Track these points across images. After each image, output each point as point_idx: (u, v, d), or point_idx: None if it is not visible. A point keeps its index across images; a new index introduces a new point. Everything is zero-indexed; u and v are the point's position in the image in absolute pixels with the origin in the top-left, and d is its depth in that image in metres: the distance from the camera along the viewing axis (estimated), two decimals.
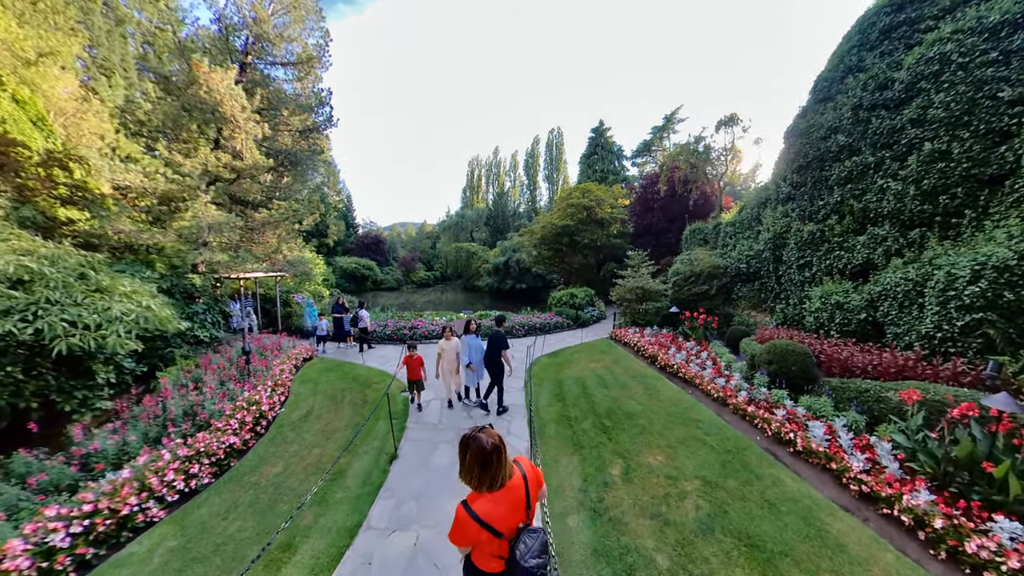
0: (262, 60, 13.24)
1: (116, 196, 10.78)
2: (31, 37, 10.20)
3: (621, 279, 12.81)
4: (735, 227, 13.69)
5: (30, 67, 10.13)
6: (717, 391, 7.22)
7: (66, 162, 8.86)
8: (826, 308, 8.31)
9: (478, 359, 6.74)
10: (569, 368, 8.73)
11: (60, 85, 10.23)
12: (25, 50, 9.99)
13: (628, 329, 11.61)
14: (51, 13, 10.32)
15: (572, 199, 19.93)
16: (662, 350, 9.37)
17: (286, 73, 13.79)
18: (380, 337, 11.96)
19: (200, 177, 9.76)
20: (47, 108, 10.62)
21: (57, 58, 10.35)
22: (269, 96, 12.68)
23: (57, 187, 10.09)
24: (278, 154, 12.78)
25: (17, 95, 9.83)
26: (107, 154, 10.41)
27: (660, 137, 34.52)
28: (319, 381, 8.34)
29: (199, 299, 10.49)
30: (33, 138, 9.84)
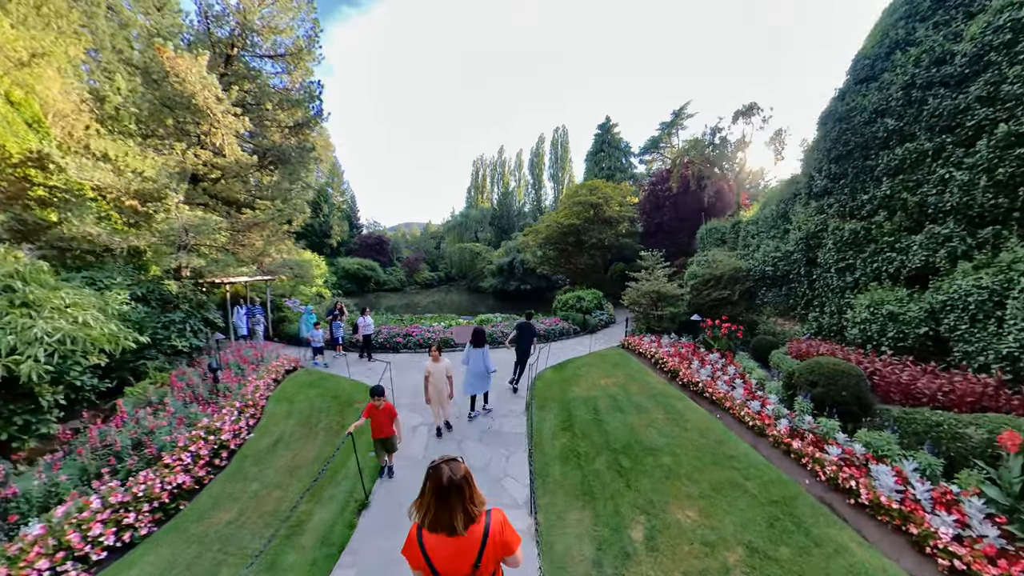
0: (248, 52, 12.44)
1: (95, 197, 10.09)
2: (23, 38, 9.56)
3: (634, 281, 11.75)
4: (758, 226, 12.53)
5: (23, 68, 9.52)
6: (752, 417, 6.17)
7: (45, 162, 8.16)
8: (876, 319, 7.18)
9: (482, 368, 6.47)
10: (577, 385, 7.73)
11: (55, 86, 9.61)
12: (17, 51, 9.36)
13: (643, 337, 10.56)
14: (54, 17, 9.67)
15: (579, 196, 18.89)
16: (683, 364, 8.32)
17: (274, 66, 12.99)
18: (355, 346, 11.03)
19: (173, 176, 8.95)
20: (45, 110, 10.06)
21: (51, 59, 9.72)
22: (255, 90, 11.86)
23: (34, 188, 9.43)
24: (266, 151, 11.97)
25: (11, 96, 9.25)
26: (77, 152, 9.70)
27: (669, 133, 33.36)
28: (296, 399, 7.47)
29: (178, 306, 9.72)
30: (27, 139, 9.27)
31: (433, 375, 5.50)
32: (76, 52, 9.87)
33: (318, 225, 41.55)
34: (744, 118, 16.24)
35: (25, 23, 9.61)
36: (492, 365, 6.39)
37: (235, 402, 6.56)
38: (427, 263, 48.96)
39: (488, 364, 6.33)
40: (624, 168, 36.17)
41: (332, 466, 5.18)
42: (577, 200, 18.80)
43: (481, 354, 6.29)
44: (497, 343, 10.88)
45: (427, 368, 5.54)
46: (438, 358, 5.55)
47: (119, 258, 9.56)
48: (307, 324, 10.83)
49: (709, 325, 9.85)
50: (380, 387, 4.74)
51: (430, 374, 5.50)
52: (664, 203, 21.60)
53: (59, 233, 8.72)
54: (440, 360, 5.56)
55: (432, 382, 5.51)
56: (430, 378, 5.50)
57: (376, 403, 4.66)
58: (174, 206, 8.71)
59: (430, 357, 5.58)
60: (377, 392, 4.68)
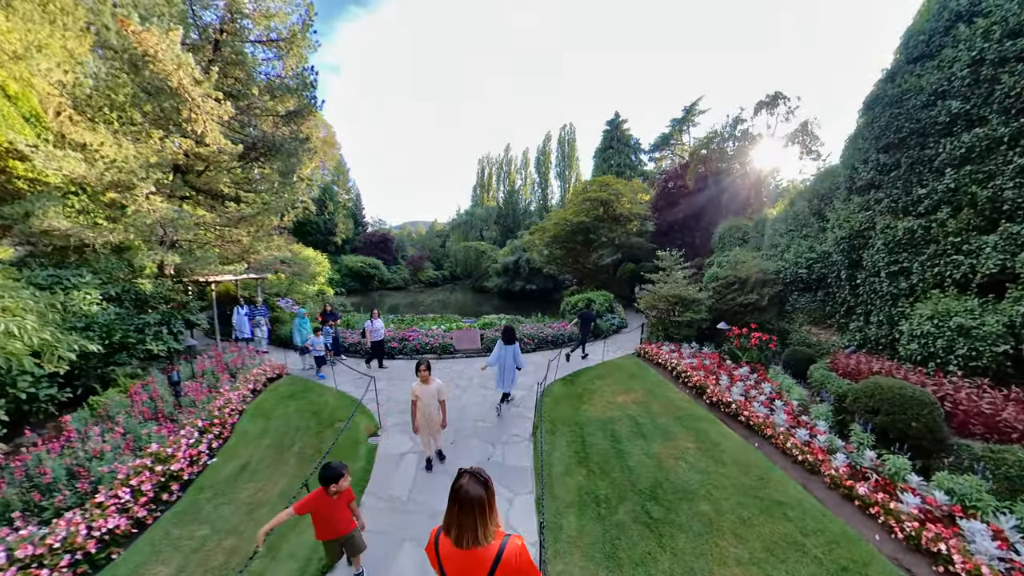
0: (238, 37, 11.64)
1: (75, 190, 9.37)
2: (17, 30, 8.88)
3: (650, 284, 10.76)
4: (787, 224, 11.46)
5: (19, 61, 8.85)
6: (800, 450, 5.19)
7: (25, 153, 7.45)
8: (941, 333, 6.14)
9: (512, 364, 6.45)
10: (591, 403, 6.78)
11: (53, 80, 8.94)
12: (11, 43, 8.69)
13: (661, 346, 9.57)
14: (60, 14, 8.96)
15: (589, 192, 17.90)
16: (710, 379, 7.34)
17: (266, 53, 12.18)
18: (359, 351, 10.21)
19: (146, 166, 8.15)
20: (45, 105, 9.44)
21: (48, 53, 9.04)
22: (243, 76, 11.04)
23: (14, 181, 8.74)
24: (256, 142, 11.16)
25: (7, 90, 8.62)
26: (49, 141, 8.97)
27: (680, 130, 32.28)
28: (273, 415, 6.62)
29: (155, 307, 8.94)
30: (24, 134, 8.63)
31: (422, 400, 4.60)
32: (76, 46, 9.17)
33: (323, 223, 41.05)
34: (768, 109, 15.13)
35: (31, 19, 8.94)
36: (522, 362, 6.55)
37: (197, 420, 5.72)
38: (432, 262, 48.42)
39: (518, 361, 6.47)
40: (634, 165, 35.12)
41: None
42: (587, 196, 17.82)
43: (512, 351, 6.36)
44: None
45: (414, 391, 4.63)
46: (428, 379, 4.64)
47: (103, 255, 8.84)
48: (301, 329, 9.37)
49: (737, 334, 8.84)
50: (337, 469, 3.01)
51: (418, 399, 4.59)
52: (678, 200, 20.52)
53: (26, 228, 7.98)
54: (430, 382, 4.65)
55: (420, 408, 4.61)
56: (418, 403, 4.60)
57: (329, 491, 2.97)
58: (143, 198, 7.92)
59: (418, 378, 4.66)
60: (331, 477, 2.96)
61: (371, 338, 8.92)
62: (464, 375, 8.41)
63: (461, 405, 6.71)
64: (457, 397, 7.03)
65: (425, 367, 4.62)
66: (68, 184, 9.15)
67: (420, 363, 4.64)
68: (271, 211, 10.10)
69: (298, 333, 9.39)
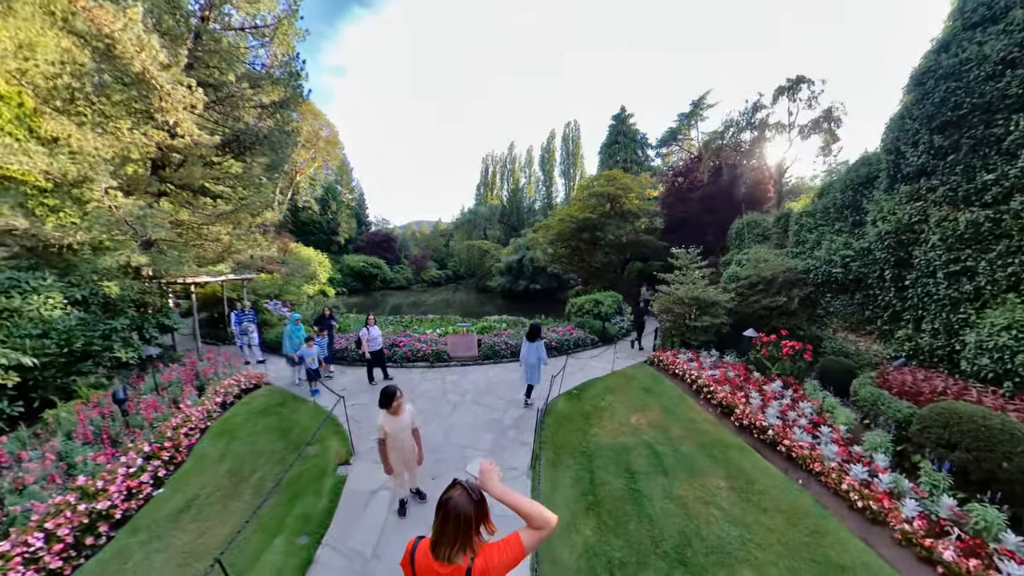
0: (220, 24, 10.92)
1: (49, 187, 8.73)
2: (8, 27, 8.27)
3: (664, 284, 9.79)
4: (815, 218, 10.39)
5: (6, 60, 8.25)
6: (858, 493, 4.24)
7: None
8: (1022, 346, 5.12)
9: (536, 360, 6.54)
10: (601, 425, 5.87)
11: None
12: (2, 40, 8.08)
13: (677, 353, 8.62)
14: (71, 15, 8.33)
15: (595, 188, 16.94)
16: (738, 396, 6.39)
17: (252, 41, 11.45)
18: (348, 359, 9.40)
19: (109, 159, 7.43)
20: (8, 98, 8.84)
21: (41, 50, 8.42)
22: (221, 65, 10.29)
23: None
24: (239, 134, 10.43)
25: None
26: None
27: (688, 125, 31.19)
28: (239, 434, 5.83)
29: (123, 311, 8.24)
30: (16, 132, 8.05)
31: (392, 436, 3.70)
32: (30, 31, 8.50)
33: (325, 222, 40.67)
34: (788, 95, 14.00)
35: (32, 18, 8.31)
36: (545, 357, 6.63)
37: (144, 443, 4.95)
38: (436, 261, 47.94)
39: (542, 356, 6.56)
40: (640, 161, 34.04)
41: (252, 551, 3.49)
42: (593, 191, 16.86)
43: (536, 348, 6.48)
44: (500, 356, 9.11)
45: (382, 428, 3.70)
46: (399, 410, 3.76)
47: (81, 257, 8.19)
48: (292, 337, 8.19)
49: (765, 342, 7.86)
50: None
51: (387, 435, 3.69)
52: (689, 196, 19.43)
53: None
54: (402, 412, 3.78)
55: (391, 446, 3.73)
56: (388, 441, 3.71)
57: None
58: (101, 192, 7.20)
59: (384, 411, 3.76)
60: None
61: (368, 347, 7.75)
62: (457, 388, 7.55)
63: (448, 426, 5.86)
64: (445, 415, 6.18)
65: (398, 395, 3.72)
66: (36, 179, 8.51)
67: (389, 393, 3.70)
68: (249, 208, 9.33)
69: (288, 341, 8.28)
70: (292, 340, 8.21)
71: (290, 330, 8.40)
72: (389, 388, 3.74)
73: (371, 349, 7.79)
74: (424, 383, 7.76)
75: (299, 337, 8.10)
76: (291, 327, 8.44)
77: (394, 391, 3.74)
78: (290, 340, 8.27)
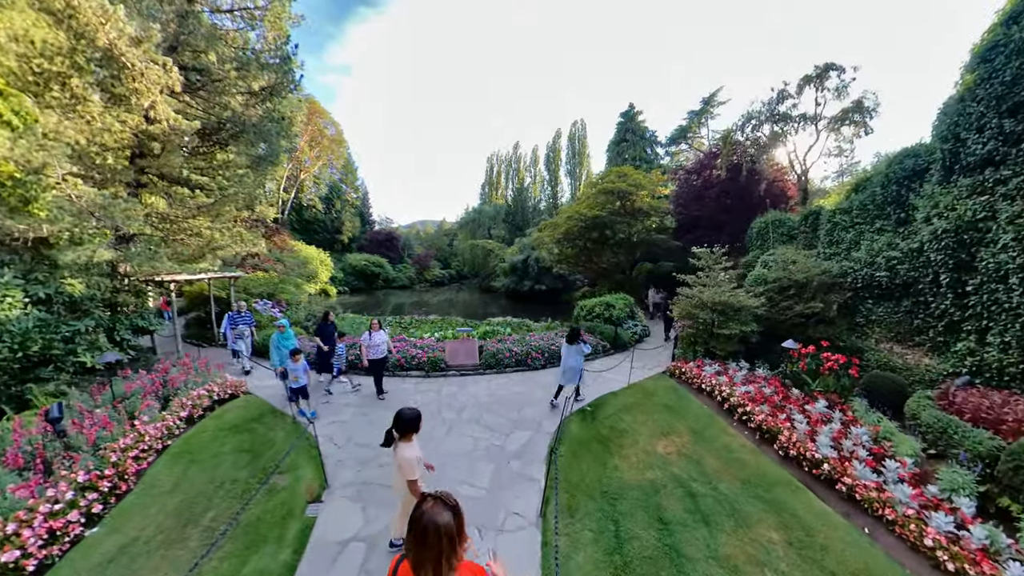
0: (206, 5, 10.20)
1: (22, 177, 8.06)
2: None
3: (686, 287, 8.91)
4: (851, 216, 9.45)
5: None
6: (946, 551, 3.36)
7: None
8: None
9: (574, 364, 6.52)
10: (623, 455, 5.00)
11: None
12: None
13: (702, 365, 7.73)
14: None
15: (605, 184, 16.07)
16: (780, 419, 5.50)
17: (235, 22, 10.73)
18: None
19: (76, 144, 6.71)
20: None
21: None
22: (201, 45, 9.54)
23: None
24: (225, 122, 9.69)
25: None
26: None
27: (698, 123, 30.32)
28: (200, 457, 5.05)
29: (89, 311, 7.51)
30: None
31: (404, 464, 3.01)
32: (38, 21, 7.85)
33: (329, 221, 40.19)
34: (815, 84, 13.04)
35: None
36: (586, 347, 6.69)
37: (78, 472, 4.16)
38: (439, 260, 47.48)
39: (586, 346, 6.66)
40: (650, 159, 33.24)
41: None
42: (603, 188, 15.98)
43: (576, 350, 6.50)
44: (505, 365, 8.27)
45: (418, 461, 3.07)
46: (411, 438, 3.11)
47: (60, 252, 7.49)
48: (280, 346, 6.85)
49: (804, 354, 6.95)
50: None
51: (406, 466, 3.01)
52: (704, 194, 18.50)
53: None
54: (411, 443, 3.11)
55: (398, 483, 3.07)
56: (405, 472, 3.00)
57: None
58: (55, 179, 6.47)
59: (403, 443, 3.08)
60: None
61: (368, 355, 6.81)
62: (454, 402, 6.70)
63: (442, 453, 4.98)
64: (439, 439, 5.33)
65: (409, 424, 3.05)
66: None
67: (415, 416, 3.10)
68: (231, 200, 8.57)
69: (276, 351, 6.87)
70: (279, 350, 6.84)
71: (276, 339, 6.98)
72: (412, 412, 3.10)
73: (372, 357, 6.79)
74: (417, 395, 6.95)
75: (287, 347, 6.78)
76: (276, 337, 7.01)
77: (418, 414, 3.13)
78: (277, 351, 6.93)
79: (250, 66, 9.63)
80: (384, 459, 4.81)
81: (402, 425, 3.03)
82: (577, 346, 6.49)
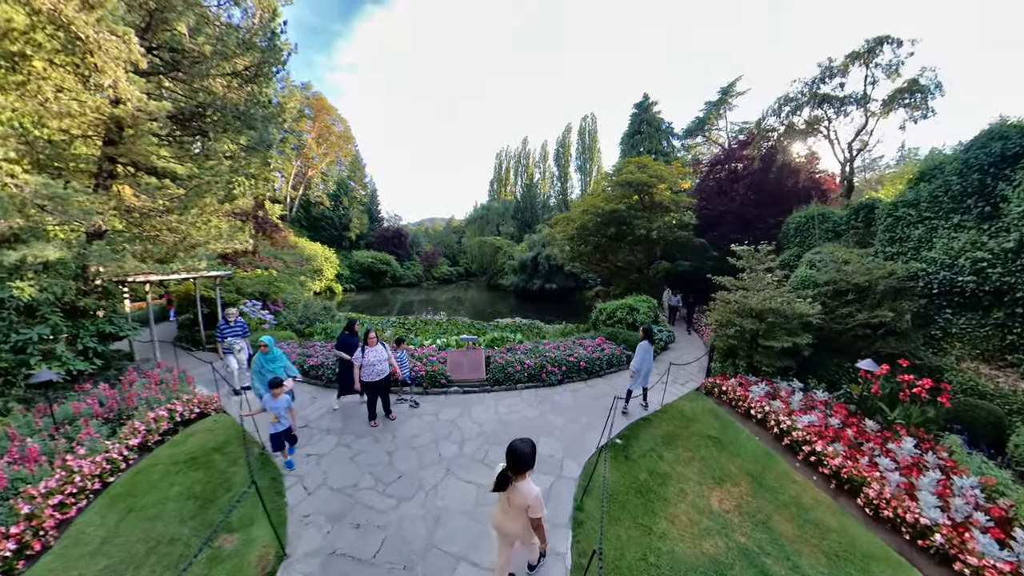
0: None
1: None
2: None
3: (724, 291, 7.72)
4: (919, 209, 8.12)
5: None
6: None
7: None
8: None
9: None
10: (667, 510, 3.89)
11: None
12: None
13: (747, 384, 6.55)
14: None
15: (625, 175, 14.83)
16: (866, 467, 4.34)
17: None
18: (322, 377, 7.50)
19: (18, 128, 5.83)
20: None
21: None
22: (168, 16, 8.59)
23: None
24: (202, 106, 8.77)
25: None
26: None
27: (716, 114, 28.70)
28: (142, 502, 4.10)
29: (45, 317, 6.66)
30: None
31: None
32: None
33: (337, 218, 39.61)
34: (863, 61, 11.59)
35: None
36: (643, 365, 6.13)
37: None
38: (447, 258, 46.83)
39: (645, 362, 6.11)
40: (666, 152, 31.74)
41: None
42: (622, 180, 14.76)
43: (651, 350, 6.16)
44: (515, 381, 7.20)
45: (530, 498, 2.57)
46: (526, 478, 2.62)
47: None
48: (263, 370, 5.29)
49: (887, 378, 5.72)
50: None
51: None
52: (729, 187, 17.13)
53: None
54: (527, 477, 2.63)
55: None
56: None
57: None
58: None
59: (519, 482, 2.60)
60: None
61: (362, 376, 5.43)
62: (455, 432, 5.45)
63: (436, 509, 3.85)
64: (432, 486, 4.21)
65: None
66: None
67: (529, 451, 2.62)
68: (204, 190, 7.64)
69: (258, 378, 5.29)
70: (263, 376, 5.25)
71: (259, 362, 5.34)
72: (526, 445, 2.60)
73: (367, 379, 5.42)
74: (409, 421, 5.81)
75: (273, 369, 5.25)
76: (259, 359, 5.35)
77: (533, 445, 2.65)
78: (259, 377, 5.31)
79: (229, 40, 8.65)
80: (360, 516, 3.79)
81: (520, 462, 2.56)
82: (648, 343, 6.12)
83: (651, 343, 6.13)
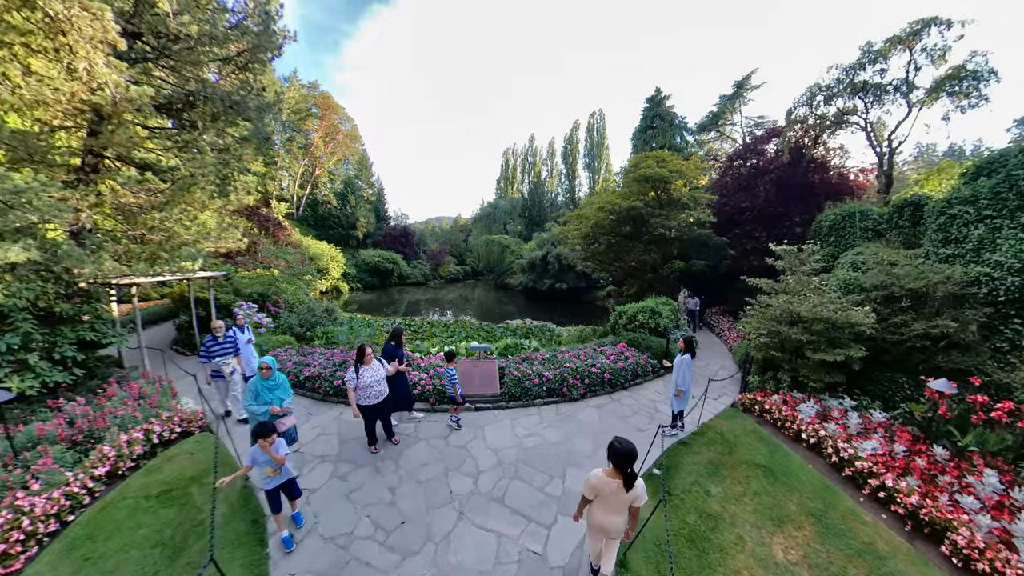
0: None
1: None
2: None
3: (763, 295, 6.97)
4: (978, 207, 7.29)
5: None
6: None
7: None
8: None
9: None
10: (726, 564, 3.20)
11: None
12: None
13: (793, 403, 5.82)
14: None
15: (642, 170, 14.04)
16: (948, 508, 3.62)
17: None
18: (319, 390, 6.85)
19: None
20: None
21: None
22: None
23: None
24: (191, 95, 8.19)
25: None
26: None
27: (731, 108, 27.67)
28: (100, 551, 3.50)
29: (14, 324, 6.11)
30: None
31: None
32: None
33: (344, 217, 39.17)
34: (906, 45, 10.68)
35: None
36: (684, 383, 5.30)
37: None
38: (454, 256, 46.42)
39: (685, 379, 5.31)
40: (680, 147, 30.83)
41: None
42: (639, 175, 13.97)
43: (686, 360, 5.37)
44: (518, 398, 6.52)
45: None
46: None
47: None
48: (260, 395, 4.19)
49: (947, 396, 4.97)
50: None
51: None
52: (752, 183, 16.23)
53: None
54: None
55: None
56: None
57: None
58: None
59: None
60: None
61: (359, 399, 4.66)
62: (467, 462, 4.72)
63: (451, 570, 3.15)
64: (442, 535, 3.53)
65: None
66: None
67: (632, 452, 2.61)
68: (191, 184, 7.04)
69: (254, 399, 4.18)
70: (254, 393, 4.21)
71: (255, 386, 4.23)
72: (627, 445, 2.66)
73: (364, 403, 4.66)
74: (413, 448, 5.05)
75: (270, 396, 4.19)
76: (257, 383, 4.24)
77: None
78: (251, 393, 4.24)
79: (218, 22, 8.04)
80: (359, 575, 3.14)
81: (635, 459, 2.64)
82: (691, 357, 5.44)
83: (693, 356, 5.45)
